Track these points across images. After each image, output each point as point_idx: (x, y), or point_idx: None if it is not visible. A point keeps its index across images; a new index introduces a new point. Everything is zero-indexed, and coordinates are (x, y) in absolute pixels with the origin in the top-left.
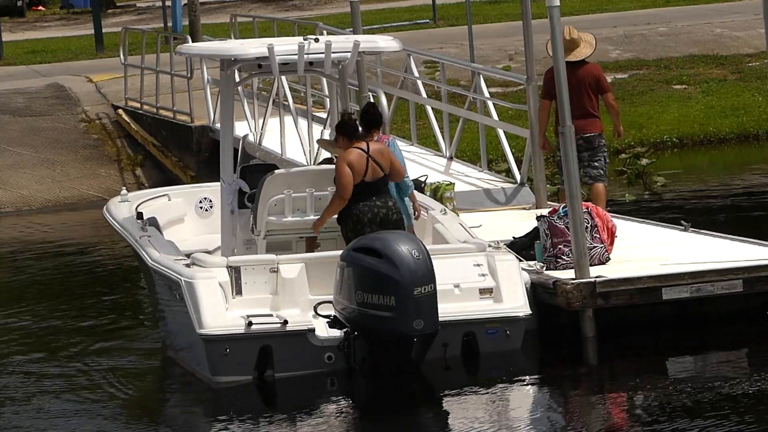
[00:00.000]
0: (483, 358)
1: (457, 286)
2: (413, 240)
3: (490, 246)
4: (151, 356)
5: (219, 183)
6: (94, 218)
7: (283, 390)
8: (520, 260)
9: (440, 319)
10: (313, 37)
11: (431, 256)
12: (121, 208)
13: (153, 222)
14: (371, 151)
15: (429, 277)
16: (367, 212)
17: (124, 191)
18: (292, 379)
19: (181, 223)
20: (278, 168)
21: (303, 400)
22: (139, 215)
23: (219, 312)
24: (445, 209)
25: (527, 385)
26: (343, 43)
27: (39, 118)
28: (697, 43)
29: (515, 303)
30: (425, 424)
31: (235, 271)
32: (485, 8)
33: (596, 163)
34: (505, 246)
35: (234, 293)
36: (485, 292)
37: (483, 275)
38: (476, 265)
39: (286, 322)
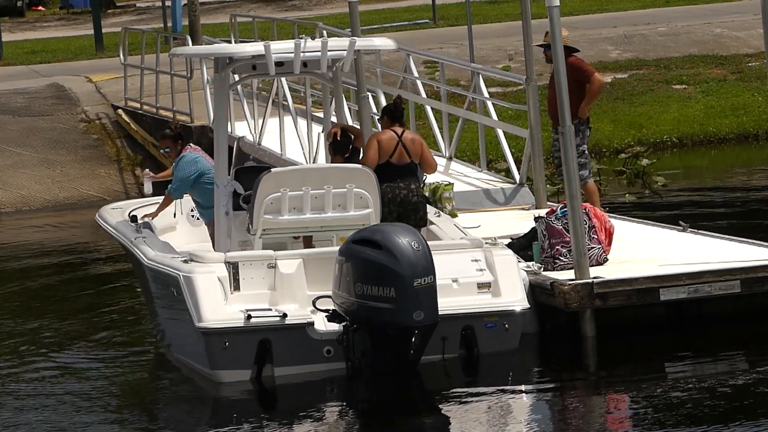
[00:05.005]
0: (482, 359)
1: (455, 280)
2: (413, 232)
3: (487, 243)
4: (147, 358)
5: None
6: (93, 219)
7: (282, 394)
8: (519, 260)
9: (439, 312)
10: (310, 36)
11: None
12: (114, 214)
13: (147, 226)
14: (404, 137)
15: (429, 268)
16: (389, 192)
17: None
18: (291, 384)
19: (173, 230)
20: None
21: (302, 404)
22: (133, 218)
23: (218, 306)
24: (439, 212)
25: (526, 386)
26: (339, 42)
27: (39, 118)
28: (697, 43)
29: (513, 297)
30: (425, 427)
31: (233, 267)
32: (485, 8)
33: (582, 160)
34: (502, 242)
35: (232, 289)
36: (483, 286)
37: (481, 270)
38: (474, 260)
39: (285, 315)
